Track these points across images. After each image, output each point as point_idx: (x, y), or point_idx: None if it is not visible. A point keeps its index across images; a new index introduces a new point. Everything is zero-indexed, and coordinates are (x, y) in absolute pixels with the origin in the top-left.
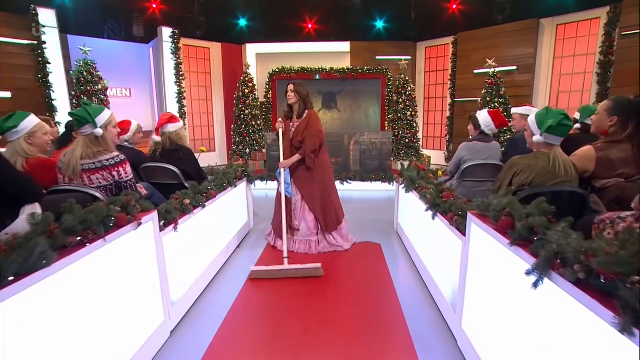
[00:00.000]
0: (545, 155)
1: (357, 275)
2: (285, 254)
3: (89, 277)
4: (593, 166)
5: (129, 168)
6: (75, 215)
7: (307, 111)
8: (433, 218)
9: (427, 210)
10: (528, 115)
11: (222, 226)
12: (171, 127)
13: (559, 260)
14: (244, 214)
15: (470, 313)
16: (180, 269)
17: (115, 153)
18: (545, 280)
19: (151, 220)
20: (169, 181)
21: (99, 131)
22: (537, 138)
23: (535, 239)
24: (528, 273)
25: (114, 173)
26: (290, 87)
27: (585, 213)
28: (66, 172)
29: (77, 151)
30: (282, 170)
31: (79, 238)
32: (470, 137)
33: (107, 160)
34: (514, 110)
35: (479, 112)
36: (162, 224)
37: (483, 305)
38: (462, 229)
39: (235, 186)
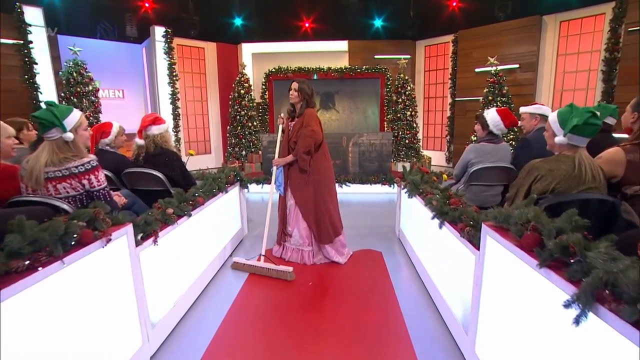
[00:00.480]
0: (569, 159)
1: (357, 285)
2: (263, 252)
3: (46, 305)
4: (622, 170)
5: (102, 175)
6: (25, 234)
7: (305, 110)
8: (440, 227)
9: (433, 218)
10: (539, 115)
11: (211, 235)
12: (155, 130)
13: (607, 291)
14: (237, 220)
15: (486, 337)
16: (162, 286)
17: (86, 159)
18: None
19: (125, 235)
20: (154, 187)
21: (69, 135)
22: (559, 139)
23: (572, 261)
24: (567, 305)
25: (84, 181)
26: (294, 85)
27: (617, 223)
28: (28, 181)
29: (42, 157)
30: (274, 168)
31: (27, 262)
32: (477, 138)
33: (77, 167)
34: (522, 109)
35: (486, 110)
36: (139, 237)
37: (502, 331)
38: (475, 241)
39: (227, 192)
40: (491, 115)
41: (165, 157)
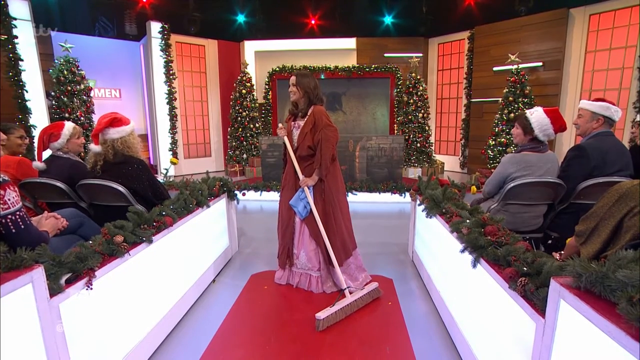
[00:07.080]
0: None
1: (361, 327)
2: (344, 285)
3: None
4: None
5: (10, 196)
6: None
7: (311, 108)
8: (474, 266)
9: (463, 251)
10: (602, 117)
11: (185, 263)
12: (114, 133)
13: None
14: (224, 238)
15: None
16: (103, 343)
17: None
18: None
19: (29, 284)
20: (116, 203)
21: None
22: None
23: None
24: None
25: None
26: (292, 79)
27: None
28: None
29: None
30: (305, 189)
31: None
32: (519, 146)
33: None
34: (584, 103)
35: (529, 110)
36: (63, 281)
37: None
38: (536, 302)
39: (209, 206)
40: (537, 117)
41: (128, 167)
